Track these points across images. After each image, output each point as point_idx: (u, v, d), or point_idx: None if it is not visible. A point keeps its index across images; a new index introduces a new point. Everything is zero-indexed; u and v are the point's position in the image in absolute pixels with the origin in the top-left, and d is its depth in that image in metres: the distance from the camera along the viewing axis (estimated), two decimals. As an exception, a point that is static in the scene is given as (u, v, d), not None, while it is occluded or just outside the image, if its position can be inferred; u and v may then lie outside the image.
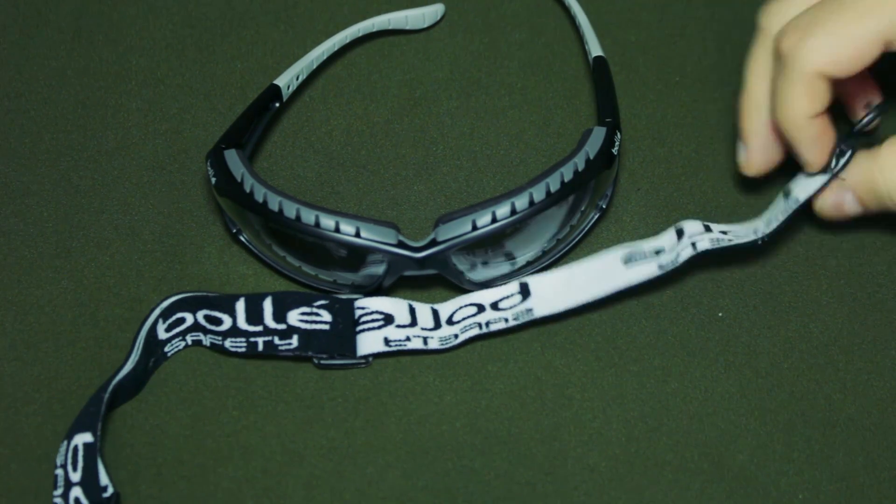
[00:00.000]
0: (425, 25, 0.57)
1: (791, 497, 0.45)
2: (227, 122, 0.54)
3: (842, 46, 0.42)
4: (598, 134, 0.47)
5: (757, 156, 0.47)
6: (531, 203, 0.45)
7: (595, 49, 0.53)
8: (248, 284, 0.50)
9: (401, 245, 0.45)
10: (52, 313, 0.49)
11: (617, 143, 0.48)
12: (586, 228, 0.50)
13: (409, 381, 0.48)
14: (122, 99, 0.55)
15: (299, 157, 0.53)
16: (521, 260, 0.48)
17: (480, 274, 0.48)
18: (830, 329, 0.49)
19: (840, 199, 0.46)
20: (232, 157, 0.47)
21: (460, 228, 0.45)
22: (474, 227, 0.45)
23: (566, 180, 0.46)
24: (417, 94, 0.55)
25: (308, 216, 0.45)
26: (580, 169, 0.46)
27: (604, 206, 0.50)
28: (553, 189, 0.45)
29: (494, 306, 0.47)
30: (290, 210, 0.45)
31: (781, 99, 0.44)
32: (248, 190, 0.46)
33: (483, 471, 0.45)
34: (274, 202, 0.45)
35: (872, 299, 0.50)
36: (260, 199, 0.46)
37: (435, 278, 0.47)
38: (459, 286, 0.48)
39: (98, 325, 0.49)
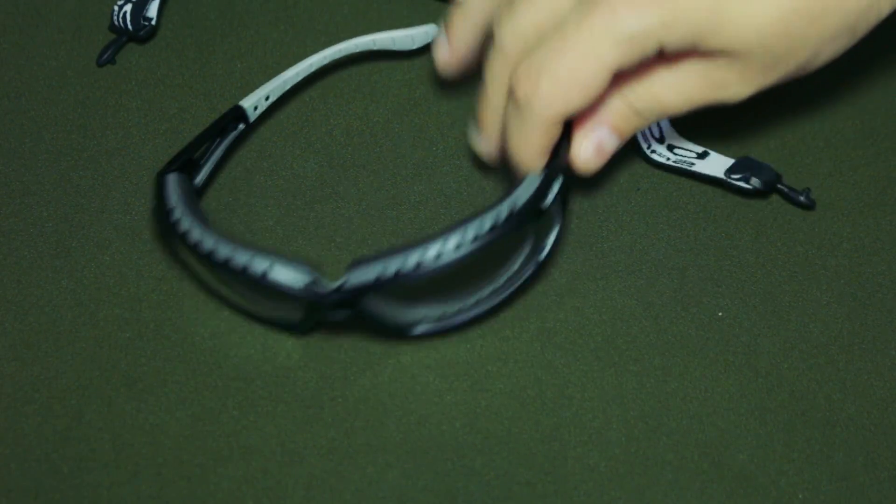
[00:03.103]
0: (414, 47, 0.56)
1: (791, 497, 0.45)
2: (227, 122, 0.54)
3: (573, 91, 0.42)
4: (531, 182, 0.44)
5: (492, 146, 0.49)
6: (443, 244, 0.42)
7: None
8: (248, 284, 0.50)
9: (309, 288, 0.43)
10: (52, 313, 0.49)
11: (552, 194, 0.44)
12: (522, 282, 0.47)
13: (409, 381, 0.48)
14: (122, 99, 0.55)
15: (299, 157, 0.53)
16: (452, 307, 0.46)
17: (406, 318, 0.46)
18: (830, 329, 0.49)
19: (599, 140, 0.46)
20: (172, 182, 0.46)
21: (370, 274, 0.43)
22: (383, 274, 0.42)
23: (481, 232, 0.43)
24: (417, 94, 0.55)
25: (224, 250, 0.43)
26: (499, 221, 0.43)
27: (541, 260, 0.47)
28: (468, 237, 0.43)
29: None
30: (208, 242, 0.44)
31: (518, 138, 0.45)
32: (176, 217, 0.45)
33: (483, 471, 0.45)
34: (196, 233, 0.44)
35: (872, 299, 0.50)
36: (186, 227, 0.45)
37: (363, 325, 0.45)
38: (385, 332, 0.47)
39: (98, 325, 0.49)
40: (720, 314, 0.49)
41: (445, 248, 0.43)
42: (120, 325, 0.49)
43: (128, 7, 0.55)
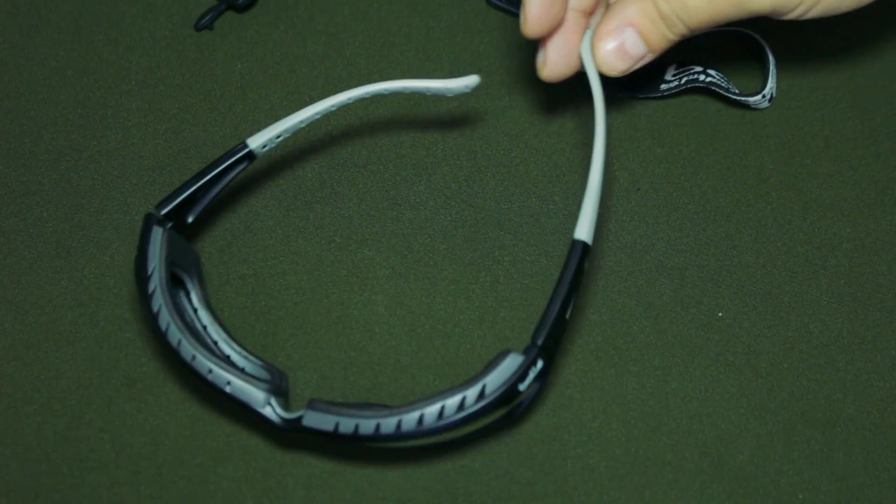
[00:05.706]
0: (450, 95, 0.49)
1: (791, 497, 0.45)
2: (227, 122, 0.54)
3: None
4: (511, 363, 0.40)
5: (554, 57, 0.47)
6: (398, 428, 0.40)
7: (582, 230, 0.42)
8: (248, 285, 0.50)
9: (267, 410, 0.42)
10: (52, 313, 0.49)
11: (532, 375, 0.40)
12: (489, 424, 0.42)
13: (409, 382, 0.48)
14: (122, 99, 0.55)
15: (299, 156, 0.53)
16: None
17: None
18: (830, 329, 0.49)
19: (621, 41, 0.45)
20: (156, 238, 0.44)
21: (324, 424, 0.41)
22: (336, 430, 0.41)
23: (445, 414, 0.40)
24: (417, 93, 0.55)
25: (187, 351, 0.42)
26: (467, 404, 0.40)
27: (516, 415, 0.43)
28: (427, 424, 0.40)
29: None
30: (174, 338, 0.42)
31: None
32: (150, 291, 0.43)
33: (483, 471, 0.45)
34: (164, 321, 0.43)
35: (872, 299, 0.50)
36: (155, 308, 0.43)
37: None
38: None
39: (98, 325, 0.49)
40: (720, 314, 0.49)
41: (405, 419, 0.40)
42: (120, 325, 0.49)
43: None
